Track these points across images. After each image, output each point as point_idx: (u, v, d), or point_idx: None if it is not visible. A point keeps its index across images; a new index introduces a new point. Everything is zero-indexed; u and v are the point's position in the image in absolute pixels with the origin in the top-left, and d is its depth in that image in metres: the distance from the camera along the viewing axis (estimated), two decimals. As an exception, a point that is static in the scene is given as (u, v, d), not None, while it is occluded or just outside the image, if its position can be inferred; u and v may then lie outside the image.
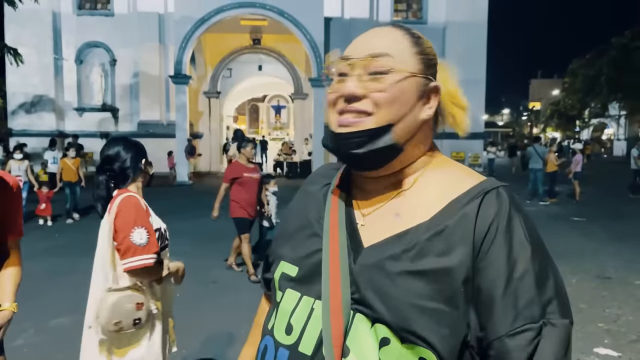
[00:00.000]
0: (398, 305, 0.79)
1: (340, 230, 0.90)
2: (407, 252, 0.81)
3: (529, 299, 0.76)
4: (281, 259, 0.97)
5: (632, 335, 4.54)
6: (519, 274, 0.77)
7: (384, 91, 0.84)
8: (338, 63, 0.90)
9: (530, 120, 68.71)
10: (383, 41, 0.88)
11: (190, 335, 4.23)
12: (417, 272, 0.80)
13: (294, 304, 0.90)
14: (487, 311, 0.77)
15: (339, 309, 0.83)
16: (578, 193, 13.31)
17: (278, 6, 17.65)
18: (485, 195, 0.83)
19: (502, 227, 0.80)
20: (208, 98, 22.10)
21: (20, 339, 4.26)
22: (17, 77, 19.64)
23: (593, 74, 34.31)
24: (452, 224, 0.82)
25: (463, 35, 20.49)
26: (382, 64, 0.85)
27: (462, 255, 0.79)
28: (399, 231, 0.85)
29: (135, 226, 2.23)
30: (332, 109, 0.90)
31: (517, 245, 0.79)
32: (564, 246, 7.65)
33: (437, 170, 0.92)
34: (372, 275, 0.83)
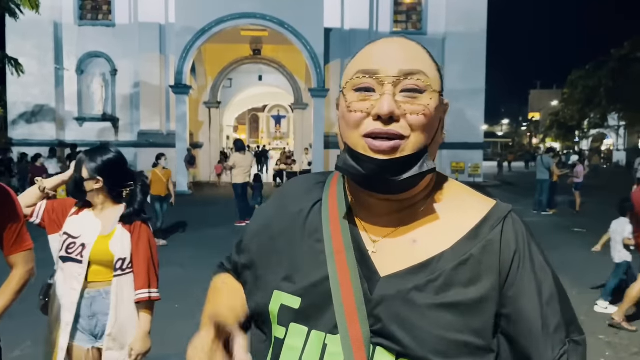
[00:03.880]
0: (427, 339, 0.75)
1: (349, 256, 0.83)
2: (432, 283, 0.78)
3: (558, 324, 0.78)
4: (275, 288, 0.87)
5: (634, 348, 4.51)
6: (547, 301, 0.79)
7: (423, 113, 0.79)
8: (361, 78, 0.81)
9: (529, 130, 68.82)
10: (414, 57, 0.82)
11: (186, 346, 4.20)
12: (445, 304, 0.76)
13: (302, 340, 0.82)
14: (527, 342, 0.77)
15: (360, 344, 0.77)
16: (578, 204, 13.29)
17: (278, 17, 17.74)
18: (504, 222, 0.82)
19: (525, 254, 0.81)
20: (208, 108, 22.14)
21: (17, 351, 4.23)
22: (17, 87, 19.70)
23: (592, 84, 34.41)
24: (476, 253, 0.79)
25: (462, 46, 20.55)
26: (418, 82, 0.79)
27: (490, 285, 0.78)
28: (419, 260, 0.80)
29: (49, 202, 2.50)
30: (355, 131, 0.80)
31: (539, 272, 0.80)
32: (564, 257, 7.63)
33: (444, 192, 0.89)
34: (396, 307, 0.78)
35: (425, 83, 0.80)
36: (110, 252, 2.35)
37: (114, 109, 21.05)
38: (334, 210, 0.89)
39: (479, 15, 21.00)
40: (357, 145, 0.80)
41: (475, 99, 20.86)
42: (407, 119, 0.78)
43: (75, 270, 2.33)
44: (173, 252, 7.76)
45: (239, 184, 10.82)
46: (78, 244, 2.33)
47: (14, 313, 2.08)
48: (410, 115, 0.78)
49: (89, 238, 2.34)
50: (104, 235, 2.37)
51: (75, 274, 2.32)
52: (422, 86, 0.79)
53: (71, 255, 2.34)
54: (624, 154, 39.77)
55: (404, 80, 0.79)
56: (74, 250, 2.33)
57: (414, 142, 0.78)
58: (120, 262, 2.36)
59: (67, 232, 2.38)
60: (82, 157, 2.42)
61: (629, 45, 31.19)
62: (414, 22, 21.58)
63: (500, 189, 19.79)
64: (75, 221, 2.40)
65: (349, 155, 0.81)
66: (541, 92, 70.18)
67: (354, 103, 0.81)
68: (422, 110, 0.79)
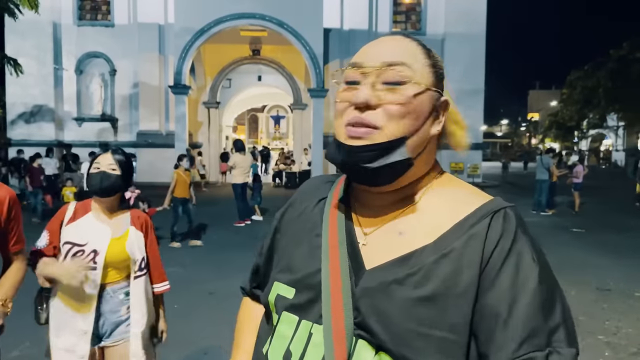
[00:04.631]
0: (402, 333, 0.74)
1: (341, 250, 0.84)
2: (412, 277, 0.77)
3: (534, 326, 0.72)
4: (275, 279, 0.91)
5: (632, 348, 4.51)
6: (525, 299, 0.73)
7: (400, 103, 0.80)
8: (348, 70, 0.85)
9: (529, 131, 68.87)
10: (398, 50, 0.83)
11: (185, 346, 4.21)
12: (422, 297, 0.75)
13: (292, 329, 0.84)
14: (488, 336, 0.73)
15: (342, 335, 0.77)
16: (578, 204, 13.32)
17: (278, 17, 17.75)
18: (493, 216, 0.80)
19: (509, 249, 0.77)
20: (207, 108, 22.13)
21: (16, 351, 4.22)
22: (16, 87, 19.69)
23: (591, 85, 34.43)
24: (458, 246, 0.78)
25: (462, 47, 20.57)
26: (399, 73, 0.81)
27: (469, 279, 0.76)
28: (402, 252, 0.81)
29: (45, 229, 2.37)
30: (340, 119, 0.84)
31: (524, 269, 0.76)
32: (563, 257, 7.63)
33: (441, 188, 0.89)
34: (375, 300, 0.78)
35: (406, 74, 0.81)
36: (127, 253, 2.37)
37: (113, 109, 21.04)
38: (334, 206, 0.92)
39: (478, 16, 21.03)
40: (340, 134, 0.83)
41: (474, 99, 20.87)
42: (384, 108, 0.80)
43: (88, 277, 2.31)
44: (172, 252, 7.75)
45: (239, 184, 10.83)
46: (88, 251, 2.29)
47: (13, 313, 2.08)
48: (388, 105, 0.80)
49: (100, 243, 2.31)
50: (116, 238, 2.36)
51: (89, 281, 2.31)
52: (402, 77, 0.81)
53: None
54: (623, 154, 39.78)
55: (386, 72, 0.81)
56: (82, 258, 2.28)
57: (388, 132, 0.79)
58: (139, 262, 2.40)
59: (69, 241, 2.30)
60: (124, 159, 2.39)
61: (628, 45, 31.21)
62: (413, 22, 21.60)
63: (499, 189, 19.81)
64: (75, 229, 2.33)
65: (333, 144, 0.85)
66: (540, 92, 70.23)
67: (340, 93, 0.85)
68: (399, 99, 0.80)
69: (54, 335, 2.34)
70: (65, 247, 2.30)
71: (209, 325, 4.88)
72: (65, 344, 2.31)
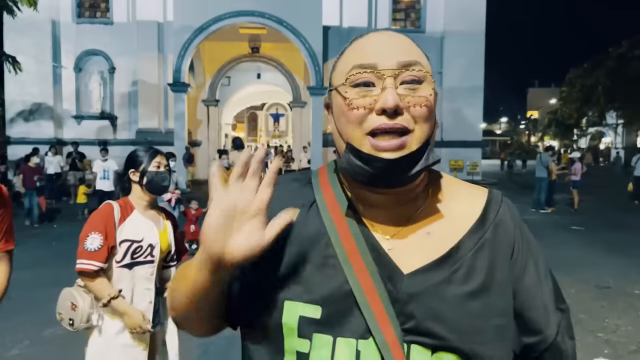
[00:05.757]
0: (463, 329, 0.76)
1: (364, 257, 0.80)
2: (457, 273, 0.79)
3: (554, 297, 0.87)
4: (285, 299, 0.80)
5: (631, 346, 4.51)
6: (544, 276, 0.86)
7: (425, 105, 0.78)
8: (358, 73, 0.79)
9: (528, 128, 68.84)
10: (407, 47, 0.82)
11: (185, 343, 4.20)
12: (471, 291, 0.79)
13: (329, 350, 0.77)
14: (539, 316, 0.84)
15: (396, 345, 0.75)
16: (577, 202, 13.32)
17: (277, 15, 17.72)
18: (501, 205, 0.88)
19: (522, 233, 0.87)
20: (206, 106, 22.11)
21: (15, 349, 4.21)
22: (15, 85, 19.64)
23: (590, 83, 34.42)
24: (490, 236, 0.84)
25: (461, 45, 20.56)
26: (416, 73, 0.79)
27: (505, 265, 0.83)
28: (439, 252, 0.81)
29: (92, 231, 2.34)
30: (358, 128, 0.78)
31: (534, 249, 0.88)
32: (562, 256, 7.63)
33: (438, 183, 0.91)
34: (428, 302, 0.77)
35: (423, 72, 0.80)
36: (170, 245, 2.62)
37: (112, 107, 21.01)
38: (336, 211, 0.84)
39: (477, 14, 21.01)
40: (362, 145, 0.78)
41: (473, 97, 20.90)
42: (410, 111, 0.77)
43: (146, 271, 2.48)
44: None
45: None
46: (145, 246, 2.45)
47: (12, 312, 2.08)
48: (414, 107, 0.78)
49: (153, 237, 2.48)
50: (161, 231, 2.56)
51: (148, 275, 2.48)
52: (420, 76, 0.79)
53: (138, 259, 2.44)
54: (622, 152, 39.81)
55: (403, 72, 0.78)
56: (141, 253, 2.44)
57: (419, 135, 0.78)
58: (172, 254, 2.66)
59: (127, 238, 2.41)
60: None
61: (627, 44, 31.22)
62: (412, 20, 21.57)
63: (499, 187, 19.79)
64: (130, 226, 2.44)
65: (353, 155, 0.79)
66: (539, 90, 70.24)
67: (354, 100, 0.79)
68: (424, 101, 0.78)
69: (113, 334, 2.39)
70: (124, 245, 2.40)
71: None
72: (128, 340, 2.41)
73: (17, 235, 2.14)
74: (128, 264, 2.41)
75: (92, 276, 2.32)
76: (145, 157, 2.53)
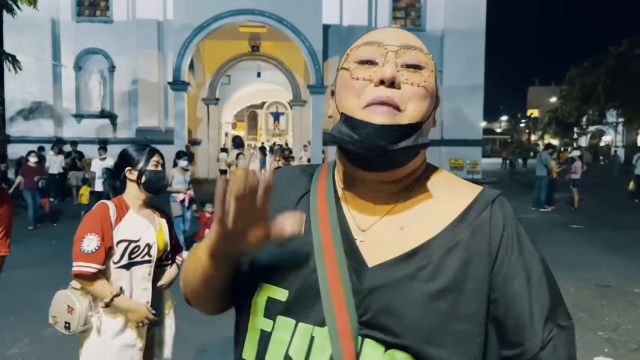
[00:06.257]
0: (419, 328, 0.74)
1: (337, 247, 0.80)
2: (422, 271, 0.77)
3: (547, 309, 0.77)
4: (262, 280, 0.84)
5: (632, 344, 4.51)
6: (535, 285, 0.78)
7: (423, 85, 0.80)
8: (364, 48, 0.83)
9: (528, 127, 68.86)
10: (412, 37, 0.85)
11: (183, 343, 4.20)
12: (434, 291, 0.75)
13: (289, 333, 0.80)
14: (516, 327, 0.76)
15: (348, 335, 0.75)
16: (577, 201, 13.32)
17: (277, 13, 17.69)
18: (492, 205, 0.83)
19: (513, 237, 0.80)
20: (206, 105, 22.09)
21: (15, 348, 4.22)
22: (15, 83, 19.62)
23: (590, 82, 34.41)
24: (465, 237, 0.79)
25: (461, 43, 20.53)
26: (418, 57, 0.81)
27: (480, 269, 0.78)
28: (407, 247, 0.79)
29: (88, 232, 2.28)
30: (356, 98, 0.80)
31: (527, 255, 0.80)
32: (562, 254, 7.63)
33: (432, 179, 0.89)
34: (386, 297, 0.76)
35: (426, 59, 0.82)
36: (167, 243, 2.59)
37: (112, 105, 20.99)
38: (323, 201, 0.87)
39: (477, 12, 20.98)
40: (355, 112, 0.79)
41: (474, 95, 20.87)
42: (406, 89, 0.79)
43: (144, 271, 2.43)
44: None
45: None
46: (143, 245, 2.40)
47: (12, 311, 2.07)
48: (411, 85, 0.79)
49: (150, 237, 2.44)
50: (157, 230, 2.51)
51: (145, 274, 2.43)
52: (422, 61, 0.81)
53: (136, 259, 2.39)
54: (623, 151, 39.81)
55: (407, 52, 0.81)
56: (139, 252, 2.39)
57: (412, 114, 0.79)
58: (167, 252, 2.61)
59: (124, 238, 2.36)
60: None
61: (627, 42, 31.19)
62: (412, 18, 21.54)
63: (499, 186, 19.81)
64: (126, 226, 2.39)
65: (345, 123, 0.80)
66: (539, 89, 70.19)
67: (357, 70, 0.82)
68: (422, 82, 0.80)
69: (111, 336, 2.34)
70: (121, 245, 2.35)
71: (207, 322, 4.87)
72: (126, 341, 2.37)
73: (17, 235, 2.12)
74: (126, 265, 2.36)
75: (91, 279, 2.27)
76: (142, 156, 2.48)
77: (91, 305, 2.31)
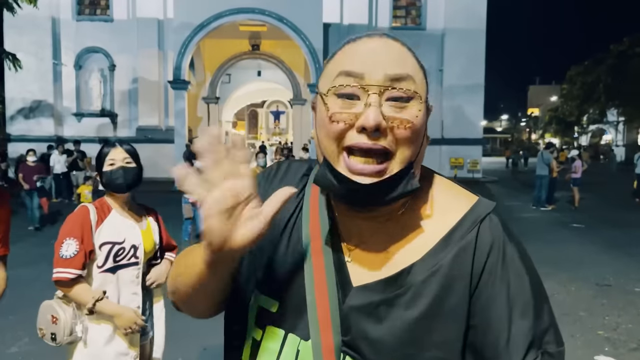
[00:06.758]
0: (394, 355, 0.73)
1: (327, 264, 0.79)
2: (401, 297, 0.74)
3: (530, 335, 0.73)
4: (255, 287, 0.83)
5: (632, 344, 4.51)
6: (520, 311, 0.73)
7: (410, 127, 0.72)
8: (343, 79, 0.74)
9: (528, 126, 68.89)
10: (400, 59, 0.75)
11: (184, 341, 4.20)
12: (411, 319, 0.73)
13: (279, 343, 0.79)
14: (495, 351, 0.72)
15: (330, 352, 0.74)
16: (577, 200, 13.31)
17: (277, 12, 17.69)
18: (480, 226, 0.77)
19: (499, 260, 0.75)
20: (207, 103, 22.10)
21: (15, 347, 4.21)
22: (15, 82, 19.63)
23: (591, 80, 34.43)
24: (447, 262, 0.75)
25: (462, 42, 20.52)
26: (405, 90, 0.73)
27: (460, 294, 0.74)
28: (389, 271, 0.77)
29: (66, 237, 2.19)
30: (334, 143, 0.74)
31: (514, 279, 0.75)
32: (562, 253, 7.63)
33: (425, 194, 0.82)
34: (363, 321, 0.75)
35: (413, 90, 0.73)
36: (155, 244, 2.47)
37: (112, 104, 21.00)
38: (315, 215, 0.84)
39: (478, 11, 20.96)
40: (337, 163, 0.74)
41: (474, 94, 20.86)
42: (393, 132, 0.72)
43: (132, 274, 2.31)
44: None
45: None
46: (128, 247, 2.29)
47: (12, 309, 2.07)
48: (397, 128, 0.72)
49: (135, 238, 2.33)
50: (144, 230, 2.41)
51: (133, 277, 2.32)
52: (409, 94, 0.73)
53: (122, 261, 2.28)
54: (623, 150, 39.81)
55: (390, 90, 0.72)
56: (124, 255, 2.28)
57: (401, 159, 0.73)
58: (157, 252, 2.50)
59: (107, 241, 2.25)
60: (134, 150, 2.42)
61: (628, 41, 31.20)
62: (413, 17, 21.53)
63: (499, 185, 19.81)
64: (109, 228, 2.28)
65: (329, 171, 0.75)
66: (540, 87, 70.15)
67: (336, 113, 0.73)
68: (410, 123, 0.72)
69: (101, 345, 2.24)
70: (105, 248, 2.24)
71: (208, 320, 4.87)
72: (117, 349, 2.27)
73: (16, 234, 2.10)
74: (111, 268, 2.26)
75: (69, 285, 2.17)
76: (101, 157, 2.36)
77: (75, 313, 2.21)
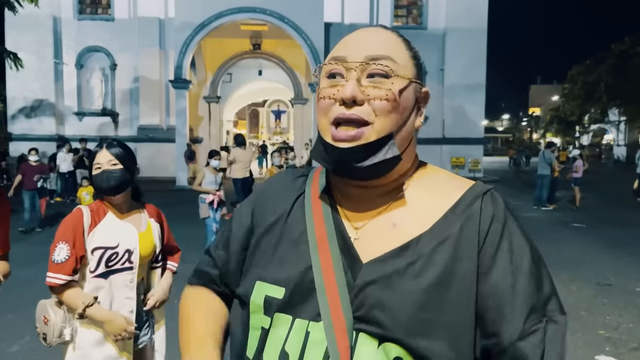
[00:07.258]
0: (409, 322, 0.75)
1: (331, 245, 0.83)
2: (412, 266, 0.78)
3: (534, 301, 0.77)
4: (258, 279, 0.87)
5: (633, 343, 4.50)
6: (524, 277, 0.78)
7: (386, 98, 0.80)
8: (330, 64, 0.84)
9: (530, 125, 68.74)
10: (382, 42, 0.84)
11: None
12: (424, 285, 0.77)
13: (286, 329, 0.82)
14: (497, 315, 0.76)
15: (343, 330, 0.77)
16: (578, 199, 13.30)
17: (278, 11, 17.68)
18: (482, 198, 0.83)
19: (502, 229, 0.80)
20: (208, 103, 22.11)
21: (16, 345, 4.22)
22: (17, 81, 19.67)
23: (592, 80, 34.36)
24: (455, 231, 0.80)
25: (463, 41, 20.52)
26: (384, 67, 0.81)
27: (469, 261, 0.78)
28: (399, 244, 0.81)
29: (59, 241, 2.18)
30: (324, 118, 0.83)
31: (517, 247, 0.80)
32: (563, 253, 7.63)
33: (424, 176, 0.90)
34: (378, 292, 0.78)
35: (391, 68, 0.81)
36: (155, 246, 2.41)
37: (113, 103, 21.03)
38: (317, 201, 0.90)
39: (479, 10, 20.95)
40: (326, 134, 0.83)
41: (475, 94, 20.86)
42: (371, 104, 0.80)
43: (125, 278, 2.26)
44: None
45: (239, 179, 10.92)
46: (121, 252, 2.23)
47: (13, 308, 2.07)
48: (374, 100, 0.80)
49: (131, 242, 2.27)
50: (142, 232, 2.33)
51: (127, 282, 2.26)
52: (387, 71, 0.81)
53: (115, 266, 2.22)
54: (624, 149, 39.77)
55: (370, 66, 0.81)
56: (117, 260, 2.22)
57: (378, 129, 0.80)
58: (157, 254, 2.43)
59: (99, 246, 2.20)
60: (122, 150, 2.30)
61: (629, 40, 31.14)
62: (414, 16, 21.53)
63: (500, 184, 19.78)
64: (102, 232, 2.23)
65: (320, 142, 0.84)
66: (541, 87, 70.05)
67: (323, 89, 0.83)
68: (386, 95, 0.80)
69: (89, 348, 2.20)
70: (97, 253, 2.19)
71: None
72: (108, 353, 2.22)
73: (16, 234, 2.11)
74: (103, 273, 2.21)
75: (60, 290, 2.15)
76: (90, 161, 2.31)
77: (66, 316, 2.19)
